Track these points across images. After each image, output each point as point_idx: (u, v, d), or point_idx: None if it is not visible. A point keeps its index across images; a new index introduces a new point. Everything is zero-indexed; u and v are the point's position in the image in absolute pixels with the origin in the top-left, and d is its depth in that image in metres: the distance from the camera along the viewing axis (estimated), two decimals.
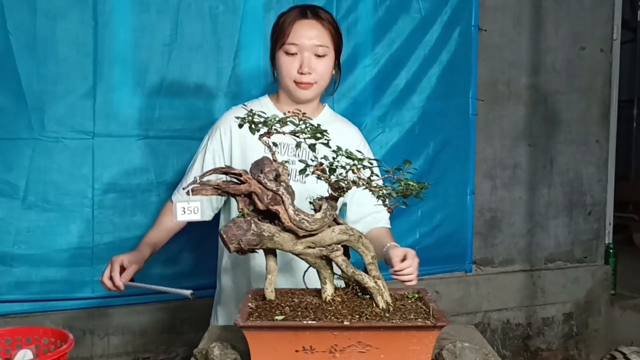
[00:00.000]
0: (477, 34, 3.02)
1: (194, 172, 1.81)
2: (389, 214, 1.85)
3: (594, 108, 3.39)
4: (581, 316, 3.45)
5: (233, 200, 1.83)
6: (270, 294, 1.33)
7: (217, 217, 1.92)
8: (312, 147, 1.28)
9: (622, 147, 3.94)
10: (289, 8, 1.85)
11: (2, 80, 2.24)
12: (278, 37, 1.76)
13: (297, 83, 1.76)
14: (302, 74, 1.74)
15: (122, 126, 2.41)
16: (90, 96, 2.35)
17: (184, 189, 1.23)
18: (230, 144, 1.82)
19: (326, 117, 1.88)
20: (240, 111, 1.80)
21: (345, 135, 1.86)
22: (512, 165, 3.25)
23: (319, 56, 1.74)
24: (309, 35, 1.73)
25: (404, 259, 1.58)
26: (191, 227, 2.46)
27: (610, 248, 3.56)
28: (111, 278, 1.58)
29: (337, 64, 1.84)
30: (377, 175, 1.29)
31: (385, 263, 1.65)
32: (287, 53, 1.74)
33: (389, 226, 1.89)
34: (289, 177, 1.32)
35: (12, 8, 2.23)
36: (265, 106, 1.85)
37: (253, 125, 1.28)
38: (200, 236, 2.43)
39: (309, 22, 1.74)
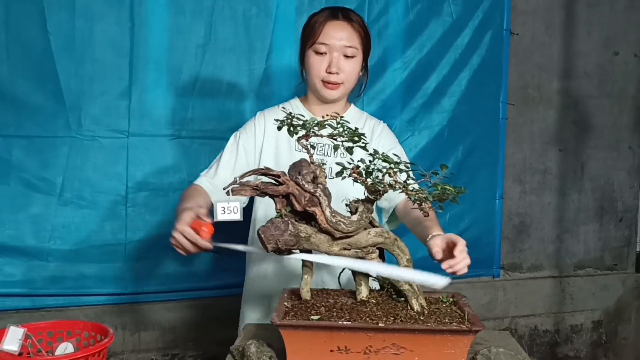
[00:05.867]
0: (509, 38, 3.00)
1: (223, 164, 1.81)
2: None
3: (627, 113, 3.34)
4: (610, 324, 3.41)
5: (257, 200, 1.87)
6: (306, 294, 1.35)
7: (246, 217, 1.94)
8: (349, 150, 1.30)
9: None
10: (320, 9, 1.87)
11: (42, 79, 2.30)
12: (308, 36, 1.79)
13: (324, 82, 1.78)
14: (330, 73, 1.76)
15: (156, 126, 2.45)
16: (125, 96, 2.40)
17: (224, 189, 1.26)
18: (262, 144, 1.84)
19: (351, 115, 1.89)
20: (273, 113, 1.83)
21: (370, 130, 1.87)
22: (542, 170, 3.22)
23: (347, 57, 1.77)
24: (339, 36, 1.75)
25: (447, 249, 1.47)
26: (220, 226, 2.51)
27: None
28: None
29: (365, 66, 1.86)
30: (413, 179, 1.30)
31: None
32: (317, 52, 1.77)
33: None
34: (325, 179, 1.34)
35: (52, 9, 2.29)
36: (294, 107, 1.89)
37: (292, 128, 1.30)
38: (229, 235, 2.47)
39: (340, 23, 1.77)
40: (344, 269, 1.37)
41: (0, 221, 2.30)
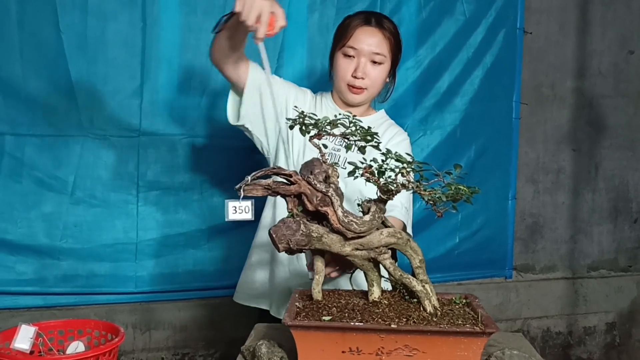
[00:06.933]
0: (522, 37, 2.97)
1: (278, 81, 1.85)
2: (404, 208, 1.82)
3: None
4: (624, 326, 3.37)
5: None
6: (317, 295, 1.33)
7: (257, 217, 1.94)
8: (362, 150, 1.29)
9: None
10: (356, 12, 1.88)
11: (54, 78, 2.31)
12: (339, 38, 1.81)
13: (349, 86, 1.80)
14: (355, 77, 1.78)
15: (167, 125, 2.46)
16: (137, 95, 2.40)
17: (236, 189, 1.25)
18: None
19: (372, 119, 1.88)
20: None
21: (390, 136, 1.87)
22: (555, 170, 3.19)
23: (374, 63, 1.79)
24: (368, 42, 1.78)
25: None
26: (231, 228, 2.51)
27: None
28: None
29: (392, 73, 1.87)
30: (426, 179, 1.28)
31: None
32: (345, 55, 1.79)
33: (402, 219, 1.78)
34: (338, 179, 1.33)
35: (65, 8, 2.30)
36: (324, 100, 1.91)
37: (304, 127, 1.29)
38: (240, 237, 2.48)
39: (371, 29, 1.79)
40: (355, 269, 1.36)
41: (13, 219, 2.32)
